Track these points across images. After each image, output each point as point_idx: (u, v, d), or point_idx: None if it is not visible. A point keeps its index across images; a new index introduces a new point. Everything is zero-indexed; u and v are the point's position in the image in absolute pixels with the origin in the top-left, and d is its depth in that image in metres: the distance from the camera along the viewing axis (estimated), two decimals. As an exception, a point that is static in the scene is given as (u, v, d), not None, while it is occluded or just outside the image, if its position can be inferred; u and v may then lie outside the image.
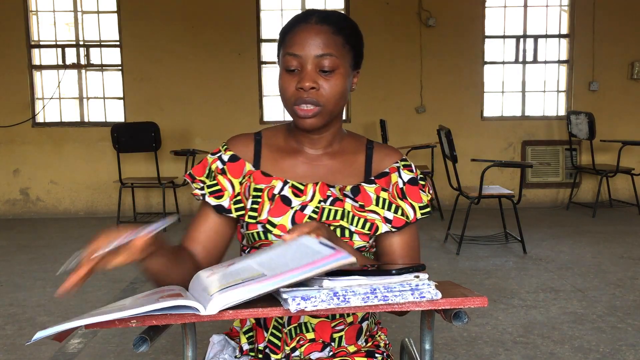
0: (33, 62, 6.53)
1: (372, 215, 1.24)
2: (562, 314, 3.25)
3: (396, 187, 1.28)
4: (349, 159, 1.30)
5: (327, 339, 1.25)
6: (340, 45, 1.20)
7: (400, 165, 1.30)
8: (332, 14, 1.23)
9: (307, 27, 1.20)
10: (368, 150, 1.32)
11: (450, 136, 4.63)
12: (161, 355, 2.72)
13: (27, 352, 2.81)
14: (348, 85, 1.23)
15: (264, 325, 1.27)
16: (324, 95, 1.19)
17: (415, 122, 6.60)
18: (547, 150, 6.76)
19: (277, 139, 1.32)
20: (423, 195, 1.29)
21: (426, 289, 0.93)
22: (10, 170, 6.50)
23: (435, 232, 5.31)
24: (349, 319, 1.27)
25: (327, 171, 1.28)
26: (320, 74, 1.19)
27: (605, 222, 5.77)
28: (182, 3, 6.42)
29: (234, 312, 0.92)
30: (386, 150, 1.33)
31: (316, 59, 1.18)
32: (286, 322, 1.24)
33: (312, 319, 1.24)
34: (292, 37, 1.21)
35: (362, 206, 1.24)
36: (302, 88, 1.18)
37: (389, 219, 1.25)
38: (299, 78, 1.19)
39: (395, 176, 1.29)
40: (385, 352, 1.33)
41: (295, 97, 1.20)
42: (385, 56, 6.49)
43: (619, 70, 6.67)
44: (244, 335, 1.30)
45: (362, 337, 1.30)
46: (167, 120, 6.30)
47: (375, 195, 1.26)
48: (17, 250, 4.95)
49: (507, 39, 6.73)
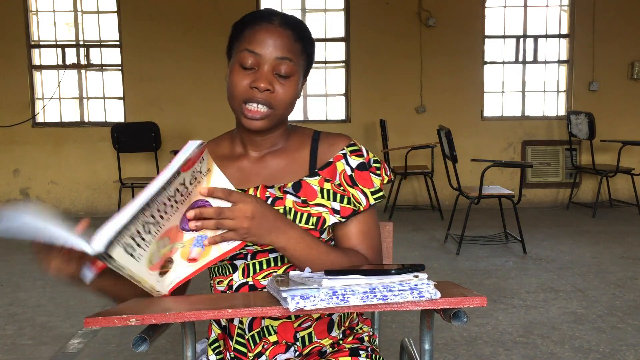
0: (33, 62, 6.53)
1: (318, 208, 1.21)
2: (562, 314, 3.25)
3: (344, 175, 1.24)
4: (293, 155, 1.27)
5: (290, 339, 1.23)
6: (298, 53, 1.20)
7: (347, 152, 1.26)
8: (293, 19, 1.22)
9: (270, 28, 1.18)
10: (313, 142, 1.28)
11: (450, 136, 4.63)
12: (161, 355, 2.72)
13: (27, 352, 2.81)
14: (298, 92, 1.22)
15: (228, 333, 1.26)
16: (277, 99, 1.18)
17: (415, 122, 6.60)
18: (547, 150, 6.76)
19: (222, 148, 1.31)
20: (375, 179, 1.26)
21: (425, 288, 0.93)
22: (10, 170, 6.51)
23: (435, 232, 5.31)
24: (315, 315, 1.23)
25: (270, 172, 1.26)
26: (275, 77, 1.18)
27: (605, 222, 5.77)
28: (182, 3, 6.42)
29: (233, 312, 0.92)
30: (332, 139, 1.28)
31: (275, 61, 1.17)
32: (247, 329, 1.23)
33: (274, 322, 1.22)
34: (252, 34, 1.18)
35: (304, 201, 1.21)
36: (256, 87, 1.16)
37: (337, 210, 1.22)
38: (254, 77, 1.17)
39: (341, 164, 1.25)
40: (370, 346, 1.31)
41: (247, 95, 1.17)
42: (385, 56, 6.49)
43: (619, 70, 6.67)
44: (210, 347, 1.29)
45: (334, 328, 1.27)
46: (167, 120, 6.30)
47: (319, 187, 1.23)
48: (17, 250, 4.95)
49: (507, 39, 6.73)
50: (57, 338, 2.97)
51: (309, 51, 1.24)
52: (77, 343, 2.91)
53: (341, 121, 6.60)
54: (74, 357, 2.76)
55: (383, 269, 1.04)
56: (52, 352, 2.81)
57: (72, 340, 2.93)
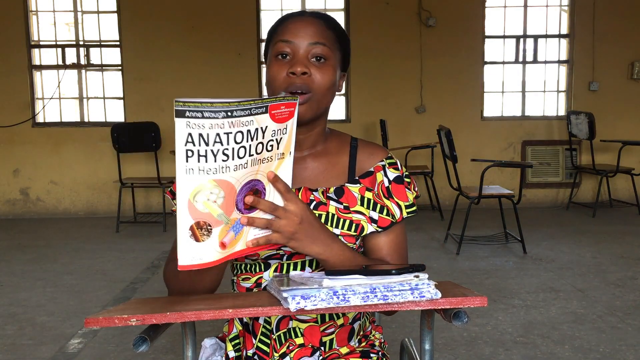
0: (33, 62, 6.53)
1: (357, 215, 1.22)
2: (562, 314, 3.25)
3: (382, 186, 1.26)
4: (332, 159, 1.28)
5: (316, 343, 1.23)
6: (332, 39, 1.21)
7: (386, 164, 1.28)
8: (325, 14, 1.25)
9: (302, 19, 1.20)
10: (352, 149, 1.29)
11: (450, 136, 4.63)
12: (161, 355, 2.72)
13: (27, 352, 2.81)
14: (337, 80, 1.22)
15: (252, 331, 1.25)
16: (316, 82, 1.17)
17: (415, 122, 6.60)
18: (547, 150, 6.76)
19: None
20: (409, 193, 1.28)
21: (426, 288, 0.93)
22: (10, 170, 6.50)
23: (435, 232, 5.30)
24: (339, 321, 1.25)
25: (310, 174, 1.26)
26: (312, 62, 1.18)
27: (605, 222, 5.77)
28: (182, 3, 6.42)
29: (234, 312, 0.92)
30: (371, 148, 1.30)
31: (309, 47, 1.18)
32: (275, 328, 1.22)
33: (301, 324, 1.22)
34: (285, 27, 1.20)
35: (346, 207, 1.22)
36: (293, 73, 1.16)
37: (375, 219, 1.24)
38: (290, 64, 1.17)
39: (380, 175, 1.27)
40: (381, 351, 1.32)
41: (287, 83, 1.17)
42: (386, 56, 6.49)
43: (619, 70, 6.67)
44: (230, 343, 1.28)
45: (354, 338, 1.28)
46: (167, 120, 6.30)
47: (359, 195, 1.24)
48: (17, 250, 4.95)
49: (507, 39, 6.73)
50: (57, 338, 2.97)
51: (343, 44, 1.25)
52: (77, 343, 2.90)
53: (341, 121, 6.60)
54: (74, 357, 2.75)
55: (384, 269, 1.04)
56: (52, 352, 2.81)
57: (72, 340, 2.93)
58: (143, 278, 4.00)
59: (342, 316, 1.25)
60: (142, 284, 3.88)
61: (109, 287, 3.80)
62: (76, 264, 4.45)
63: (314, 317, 1.22)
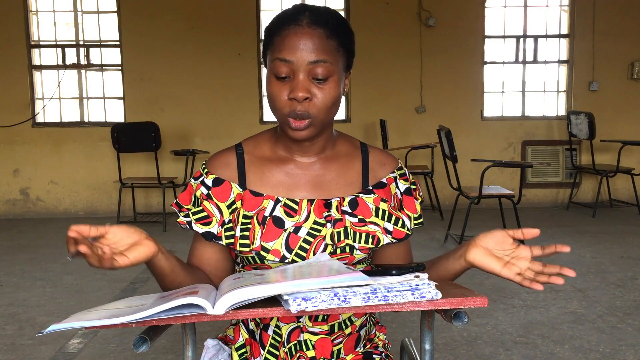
0: (33, 62, 6.53)
1: (373, 227, 1.20)
2: (562, 314, 3.25)
3: (395, 198, 1.25)
4: (344, 165, 1.24)
5: (327, 355, 1.21)
6: (334, 50, 1.13)
7: (397, 175, 1.27)
8: (323, 13, 1.15)
9: (299, 30, 1.11)
10: (363, 155, 1.26)
11: (450, 136, 4.63)
12: (161, 355, 2.72)
13: (27, 352, 2.81)
14: (341, 91, 1.16)
15: (259, 341, 1.23)
16: (317, 106, 1.12)
17: (415, 122, 6.60)
18: (547, 150, 6.76)
19: (262, 149, 1.24)
20: (417, 205, 1.27)
21: (426, 288, 0.93)
22: (10, 170, 6.50)
23: (435, 232, 5.30)
24: (347, 330, 1.23)
25: (320, 180, 1.22)
26: (313, 82, 1.12)
27: (605, 222, 5.77)
28: (182, 3, 6.42)
29: (234, 313, 0.92)
30: (382, 156, 1.28)
31: (309, 66, 1.11)
32: (285, 341, 1.20)
33: (312, 336, 1.20)
34: (281, 41, 1.12)
35: (361, 220, 1.20)
36: (294, 99, 1.11)
37: (389, 231, 1.21)
38: (290, 87, 1.11)
39: (393, 187, 1.25)
40: (384, 351, 1.32)
41: (289, 107, 1.12)
42: (385, 56, 6.49)
43: (619, 70, 6.67)
44: (236, 352, 1.26)
45: (360, 343, 1.28)
46: (167, 120, 6.30)
47: (374, 207, 1.21)
48: (17, 250, 4.95)
49: (507, 39, 6.73)
50: (57, 338, 2.96)
51: (346, 44, 1.16)
52: (77, 343, 2.90)
53: (341, 121, 6.60)
54: (74, 357, 2.75)
55: (384, 269, 1.04)
56: (52, 352, 2.80)
57: (72, 340, 2.93)
58: (143, 278, 4.00)
59: (350, 325, 1.23)
60: (142, 284, 3.88)
61: (109, 287, 3.80)
62: (76, 264, 4.44)
63: (325, 330, 1.21)
